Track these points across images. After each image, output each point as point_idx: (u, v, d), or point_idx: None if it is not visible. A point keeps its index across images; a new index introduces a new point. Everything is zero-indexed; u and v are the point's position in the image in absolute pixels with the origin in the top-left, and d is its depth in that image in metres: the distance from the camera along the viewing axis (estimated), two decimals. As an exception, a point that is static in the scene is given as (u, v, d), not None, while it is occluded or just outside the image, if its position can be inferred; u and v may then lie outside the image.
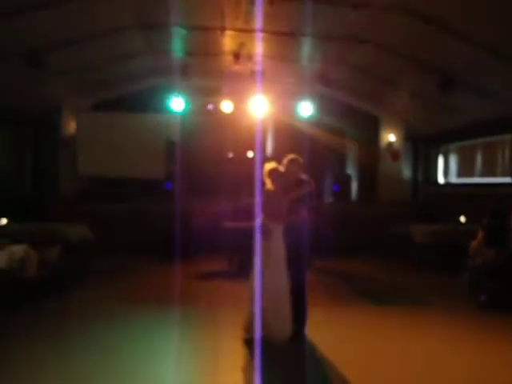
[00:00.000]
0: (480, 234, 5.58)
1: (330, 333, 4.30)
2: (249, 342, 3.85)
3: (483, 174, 9.15)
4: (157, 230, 8.40)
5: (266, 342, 3.71)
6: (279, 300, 3.91)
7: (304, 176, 4.27)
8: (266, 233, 4.01)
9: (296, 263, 4.00)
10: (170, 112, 9.20)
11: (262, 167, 4.32)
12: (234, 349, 3.82)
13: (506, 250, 5.32)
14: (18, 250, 5.17)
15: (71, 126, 9.61)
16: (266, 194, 4.15)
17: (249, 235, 6.51)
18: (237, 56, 7.62)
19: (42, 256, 5.53)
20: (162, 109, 9.29)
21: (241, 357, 3.68)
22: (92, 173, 9.52)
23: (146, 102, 9.39)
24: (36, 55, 6.42)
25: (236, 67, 7.91)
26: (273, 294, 3.89)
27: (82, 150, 9.46)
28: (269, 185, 4.18)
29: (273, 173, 4.17)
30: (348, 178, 10.33)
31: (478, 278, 5.42)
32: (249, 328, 3.93)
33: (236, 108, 9.16)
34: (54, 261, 5.69)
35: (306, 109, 8.91)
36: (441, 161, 10.54)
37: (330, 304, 5.34)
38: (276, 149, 10.29)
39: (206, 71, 8.73)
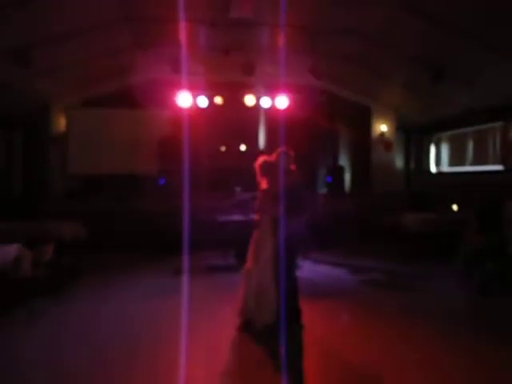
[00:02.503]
0: (473, 222, 5.64)
1: (327, 322, 4.35)
2: (241, 328, 4.05)
3: (475, 163, 9.22)
4: (150, 226, 8.38)
5: (250, 328, 3.95)
6: (264, 288, 3.99)
7: (293, 168, 4.30)
8: (256, 226, 4.16)
9: (286, 254, 4.00)
10: (162, 107, 9.13)
11: (255, 160, 4.36)
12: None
13: (498, 237, 5.39)
14: (12, 249, 5.12)
15: (61, 124, 9.50)
16: (260, 191, 4.23)
17: (242, 228, 6.57)
18: (227, 49, 7.57)
19: (36, 255, 5.49)
20: (153, 104, 9.21)
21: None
22: (83, 170, 9.44)
23: (138, 97, 9.29)
24: (22, 53, 6.31)
25: (227, 60, 7.86)
26: (258, 283, 4.00)
27: (72, 147, 9.37)
28: (260, 179, 4.25)
29: (264, 165, 4.24)
30: (341, 169, 10.35)
31: (471, 265, 5.49)
32: (241, 314, 4.12)
33: (228, 101, 9.11)
34: (47, 260, 5.65)
35: (298, 101, 8.92)
36: (433, 150, 10.59)
37: (322, 295, 5.39)
38: (268, 141, 10.28)
39: (196, 65, 8.65)
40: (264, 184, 4.23)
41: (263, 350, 3.65)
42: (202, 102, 8.97)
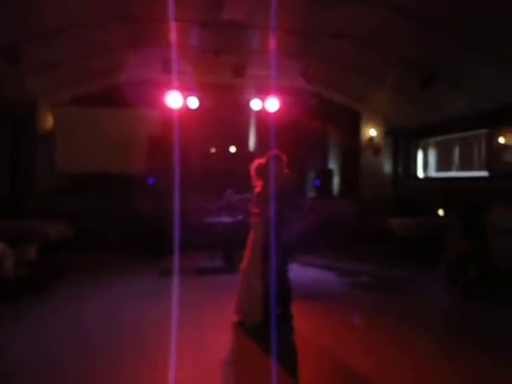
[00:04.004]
0: (457, 227, 5.73)
1: (314, 324, 4.38)
2: (237, 325, 4.24)
3: (461, 168, 9.38)
4: (139, 226, 8.32)
5: (243, 325, 4.19)
6: (252, 287, 4.18)
7: (287, 171, 4.34)
8: (252, 228, 4.29)
9: (277, 255, 4.05)
10: (151, 107, 9.08)
11: (244, 162, 4.42)
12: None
13: (481, 243, 5.48)
14: (-6, 248, 5.03)
15: (48, 121, 9.37)
16: (254, 193, 4.35)
17: (231, 230, 6.56)
18: (218, 50, 7.56)
19: (20, 254, 5.40)
20: (143, 103, 9.16)
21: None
22: (70, 169, 9.32)
23: (127, 96, 9.22)
24: (11, 49, 6.22)
25: (218, 61, 7.85)
26: (248, 282, 4.21)
27: (60, 145, 9.25)
28: (256, 182, 4.34)
29: (258, 169, 4.33)
30: (330, 173, 10.42)
31: (455, 270, 5.58)
32: (238, 312, 4.33)
33: (218, 102, 9.11)
34: (31, 259, 5.57)
35: (288, 103, 8.96)
36: (420, 155, 10.74)
37: (310, 298, 5.41)
38: (259, 143, 10.30)
39: (187, 65, 8.62)
40: (259, 187, 4.29)
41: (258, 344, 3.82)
42: (192, 102, 8.95)
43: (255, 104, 9.17)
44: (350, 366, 3.49)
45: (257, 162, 4.37)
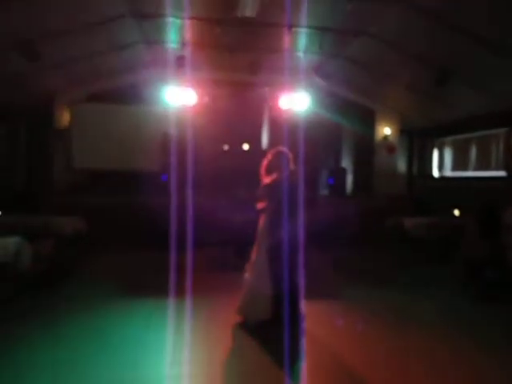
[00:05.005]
0: (474, 227, 5.63)
1: (322, 324, 4.36)
2: (240, 324, 4.21)
3: (477, 168, 9.20)
4: (151, 222, 8.38)
5: (245, 325, 4.13)
6: (257, 285, 4.14)
7: (293, 167, 4.34)
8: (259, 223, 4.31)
9: (285, 254, 4.03)
10: (166, 104, 9.15)
11: (257, 160, 4.42)
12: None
13: (499, 243, 5.38)
14: (12, 242, 5.12)
15: (65, 118, 9.52)
16: (261, 186, 4.36)
17: (244, 227, 6.55)
18: (233, 47, 7.57)
19: (37, 249, 5.49)
20: (157, 101, 9.24)
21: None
22: (87, 165, 9.46)
23: (142, 93, 9.31)
24: (29, 46, 6.33)
25: (232, 59, 7.86)
26: (254, 280, 4.19)
27: (76, 142, 9.39)
28: (263, 179, 4.34)
29: (267, 165, 4.35)
30: (343, 171, 10.35)
31: (471, 271, 5.49)
32: (240, 311, 4.28)
33: (232, 100, 9.13)
34: (48, 254, 5.66)
35: (302, 101, 8.90)
36: (436, 154, 10.58)
37: (326, 296, 5.38)
38: (272, 141, 10.28)
39: (201, 63, 8.66)
40: (267, 180, 4.30)
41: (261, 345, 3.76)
42: (206, 99, 8.99)
43: (269, 101, 9.15)
44: (358, 369, 3.45)
45: (266, 159, 4.37)
